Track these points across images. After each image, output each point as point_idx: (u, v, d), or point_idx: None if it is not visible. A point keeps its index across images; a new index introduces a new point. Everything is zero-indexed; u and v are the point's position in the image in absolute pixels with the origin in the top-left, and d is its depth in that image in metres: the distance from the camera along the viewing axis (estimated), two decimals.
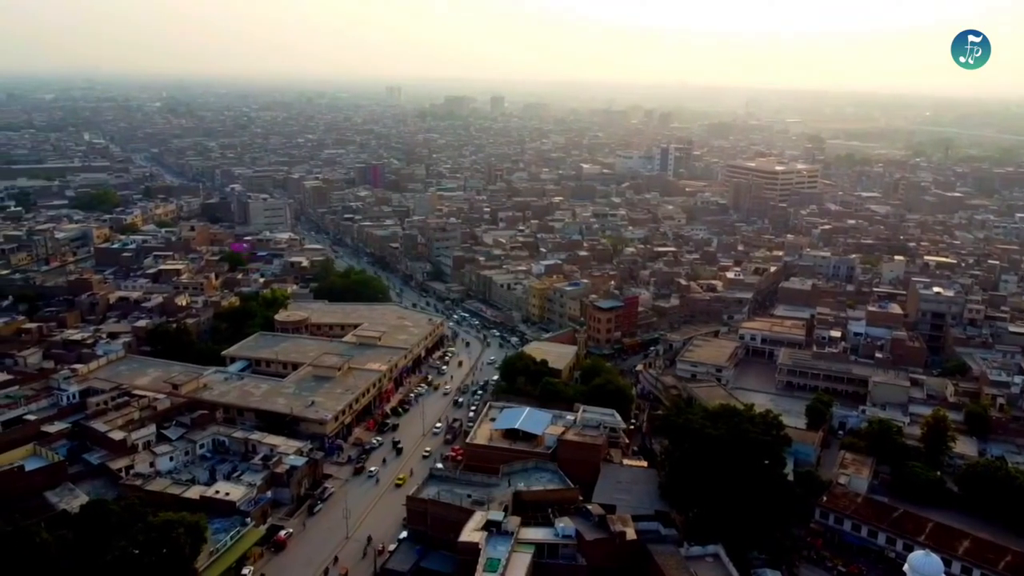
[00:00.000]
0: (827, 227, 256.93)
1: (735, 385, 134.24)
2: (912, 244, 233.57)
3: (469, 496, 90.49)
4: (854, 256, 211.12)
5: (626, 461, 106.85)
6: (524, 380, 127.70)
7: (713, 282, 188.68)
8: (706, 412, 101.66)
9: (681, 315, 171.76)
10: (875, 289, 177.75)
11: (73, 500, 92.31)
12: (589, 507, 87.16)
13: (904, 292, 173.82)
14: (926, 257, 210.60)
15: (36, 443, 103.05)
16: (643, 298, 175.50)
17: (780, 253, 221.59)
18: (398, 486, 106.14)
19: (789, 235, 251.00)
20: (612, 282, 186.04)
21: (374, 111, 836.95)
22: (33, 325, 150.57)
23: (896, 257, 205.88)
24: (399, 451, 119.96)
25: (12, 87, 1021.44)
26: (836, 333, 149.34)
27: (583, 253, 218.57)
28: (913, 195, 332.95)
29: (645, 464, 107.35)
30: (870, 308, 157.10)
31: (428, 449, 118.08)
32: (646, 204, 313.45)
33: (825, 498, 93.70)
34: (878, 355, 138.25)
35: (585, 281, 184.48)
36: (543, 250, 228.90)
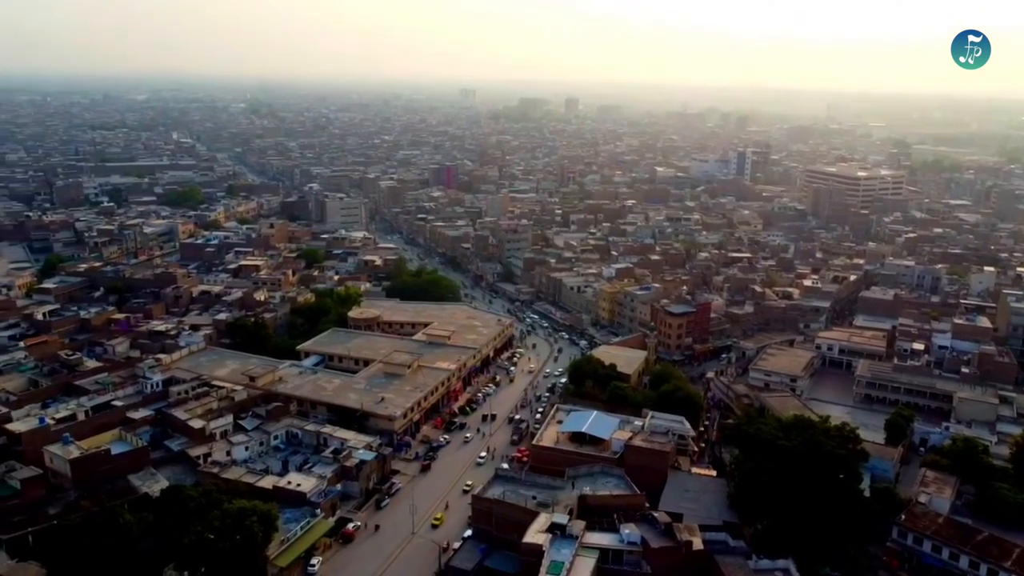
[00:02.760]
0: (912, 235, 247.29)
1: (810, 396, 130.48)
2: (1004, 255, 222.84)
3: (534, 498, 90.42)
4: (940, 266, 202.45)
5: (694, 469, 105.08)
6: (592, 383, 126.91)
7: (789, 289, 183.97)
8: (779, 423, 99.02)
9: (755, 322, 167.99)
10: (962, 301, 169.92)
11: (154, 484, 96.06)
12: (655, 514, 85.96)
13: (994, 305, 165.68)
14: (1019, 269, 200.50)
15: (122, 428, 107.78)
16: (716, 304, 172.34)
17: (861, 261, 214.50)
18: (435, 527, 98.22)
19: (871, 243, 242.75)
20: (684, 287, 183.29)
21: (449, 113, 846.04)
22: (122, 315, 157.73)
23: (986, 268, 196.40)
24: (492, 418, 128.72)
25: (108, 88, 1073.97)
26: (919, 346, 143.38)
27: (655, 257, 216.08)
28: (1006, 203, 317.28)
29: (714, 473, 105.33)
30: (956, 321, 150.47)
31: (469, 483, 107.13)
32: (721, 208, 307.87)
33: (904, 517, 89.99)
34: (964, 370, 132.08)
35: (656, 285, 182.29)
36: (614, 253, 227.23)
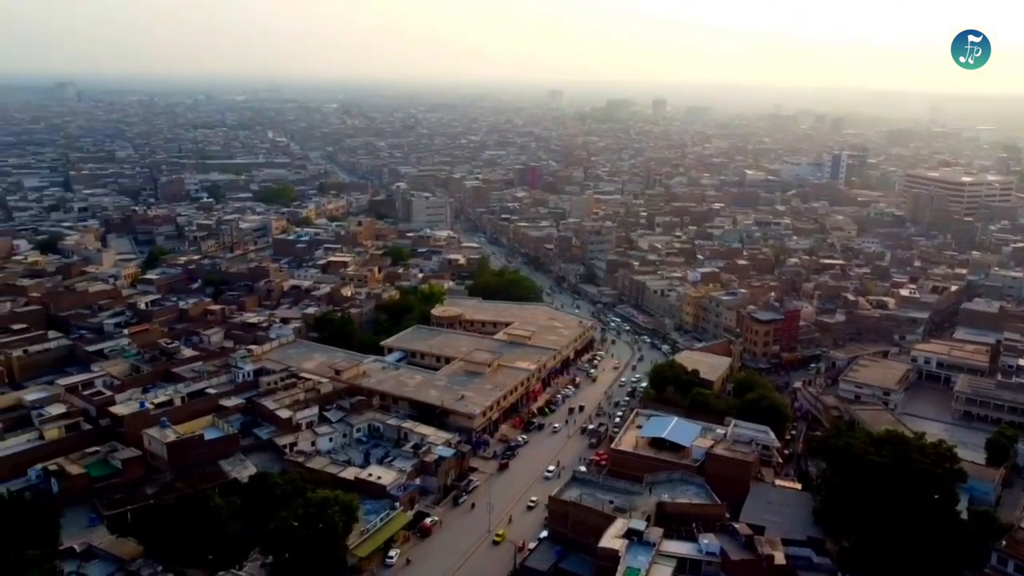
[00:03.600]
0: (1020, 245, 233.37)
1: (904, 411, 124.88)
2: None
3: (611, 502, 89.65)
4: None
5: (778, 481, 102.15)
6: (673, 389, 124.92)
7: (884, 299, 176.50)
8: (870, 437, 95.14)
9: (847, 332, 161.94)
10: None
11: (243, 470, 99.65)
12: (736, 525, 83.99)
13: None
14: None
15: (215, 415, 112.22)
16: (805, 312, 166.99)
17: (963, 271, 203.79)
18: (496, 543, 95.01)
19: (975, 252, 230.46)
20: (772, 293, 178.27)
21: (535, 114, 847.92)
22: (217, 307, 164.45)
23: None
24: (580, 409, 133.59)
25: (210, 89, 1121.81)
26: None
27: (742, 262, 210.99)
28: None
29: (799, 486, 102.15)
30: None
31: (534, 499, 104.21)
32: (813, 213, 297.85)
33: (1004, 542, 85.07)
34: None
35: (743, 291, 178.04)
36: (700, 257, 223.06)
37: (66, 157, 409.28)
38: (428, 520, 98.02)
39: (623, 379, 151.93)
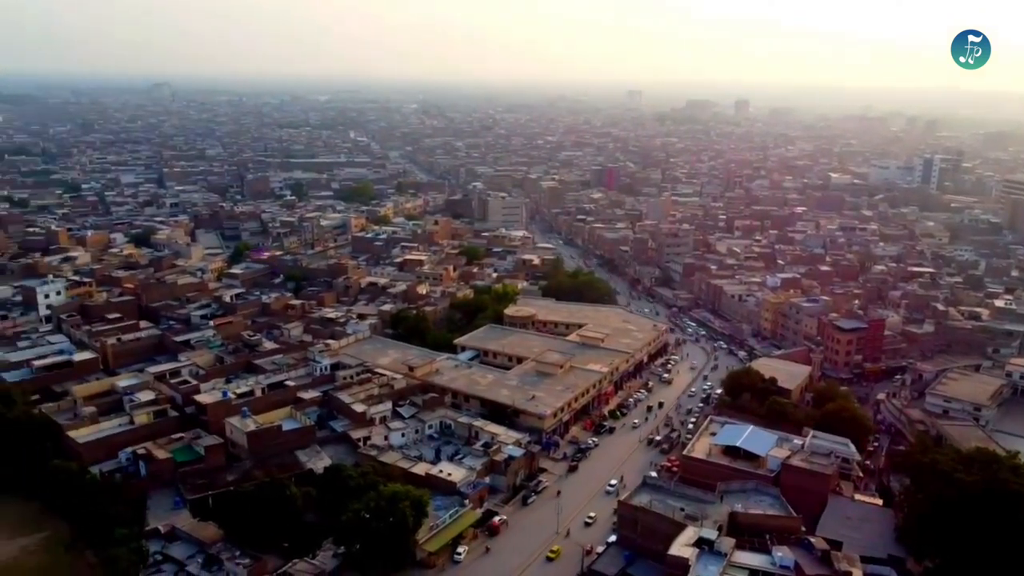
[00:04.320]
0: None
1: (997, 428, 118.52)
2: None
3: (682, 509, 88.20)
4: None
5: (857, 496, 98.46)
6: (749, 396, 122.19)
7: (977, 310, 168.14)
8: (958, 454, 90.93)
9: (935, 343, 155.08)
10: None
11: (318, 461, 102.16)
12: (812, 540, 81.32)
13: None
14: None
15: (293, 407, 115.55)
16: (891, 321, 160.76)
17: None
18: (550, 559, 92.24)
19: None
20: (856, 301, 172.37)
21: (613, 114, 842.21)
22: (298, 302, 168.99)
23: None
24: (660, 406, 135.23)
25: (296, 90, 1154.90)
26: None
27: (825, 268, 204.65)
28: None
29: (880, 502, 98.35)
30: None
31: (592, 515, 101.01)
32: (902, 219, 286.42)
33: None
34: None
35: (825, 298, 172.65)
36: (780, 262, 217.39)
37: (160, 155, 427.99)
38: (496, 519, 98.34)
39: (697, 385, 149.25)
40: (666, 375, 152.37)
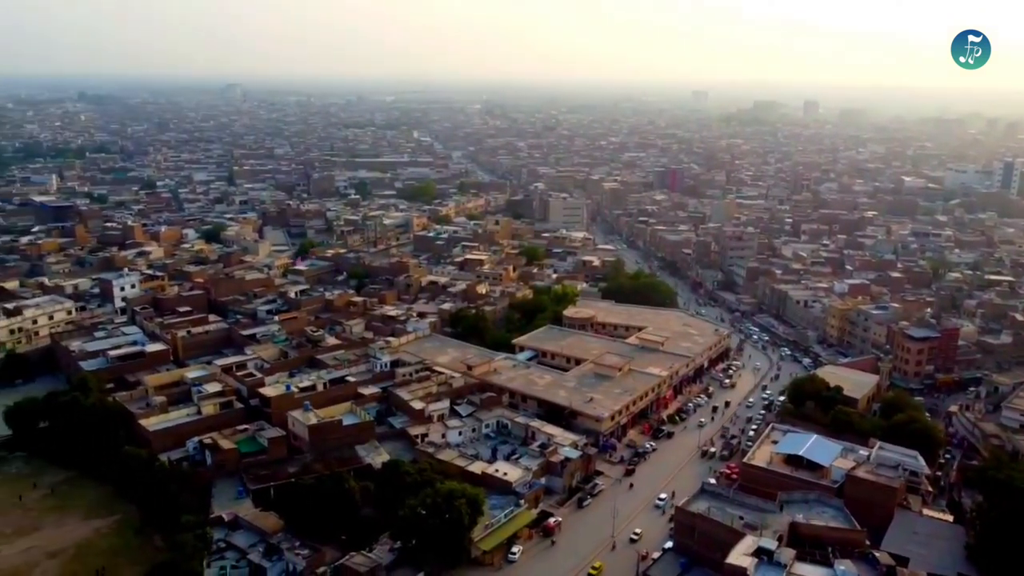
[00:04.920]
0: None
1: None
2: None
3: (741, 518, 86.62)
4: None
5: (926, 511, 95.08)
6: (813, 405, 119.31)
7: None
8: None
9: (1013, 355, 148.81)
10: None
11: (377, 457, 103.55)
12: (876, 554, 78.92)
13: None
14: None
15: (353, 402, 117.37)
16: (965, 331, 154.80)
17: None
18: None
19: None
20: (928, 309, 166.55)
21: (678, 115, 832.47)
22: (360, 299, 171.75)
23: None
24: (726, 405, 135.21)
25: (362, 90, 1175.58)
26: None
27: (896, 275, 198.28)
28: None
29: (950, 518, 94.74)
30: None
31: (638, 531, 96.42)
32: (979, 225, 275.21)
33: None
34: None
35: (895, 305, 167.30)
36: (849, 268, 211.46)
37: (231, 153, 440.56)
38: (552, 520, 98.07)
39: (759, 391, 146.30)
40: (727, 380, 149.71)
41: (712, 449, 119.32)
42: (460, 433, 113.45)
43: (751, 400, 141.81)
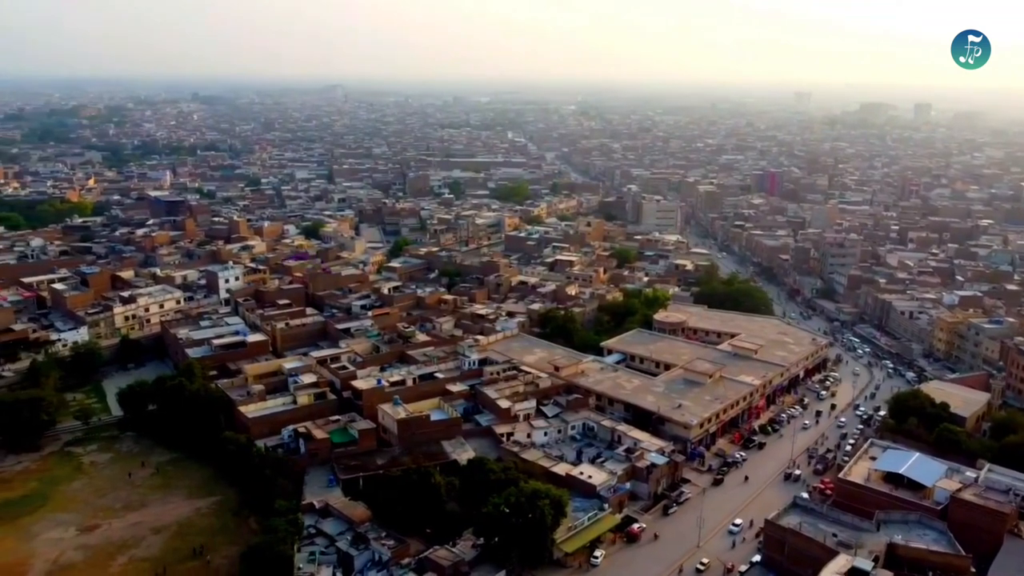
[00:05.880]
0: None
1: None
2: None
3: (835, 535, 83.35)
4: None
5: None
6: (917, 421, 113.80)
7: None
8: None
9: None
10: None
11: (463, 453, 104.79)
12: None
13: None
14: None
15: (441, 398, 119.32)
16: None
17: None
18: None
19: None
20: None
21: (779, 117, 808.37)
22: (450, 297, 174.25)
23: None
24: (832, 408, 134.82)
25: (458, 91, 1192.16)
26: None
27: (1012, 287, 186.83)
28: None
29: None
30: None
31: (704, 561, 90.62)
32: None
33: None
34: None
35: (1011, 320, 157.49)
36: (959, 278, 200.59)
37: (331, 153, 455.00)
38: (636, 525, 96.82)
39: (856, 405, 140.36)
40: (824, 392, 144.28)
41: (797, 472, 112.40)
42: (546, 433, 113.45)
43: (847, 414, 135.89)
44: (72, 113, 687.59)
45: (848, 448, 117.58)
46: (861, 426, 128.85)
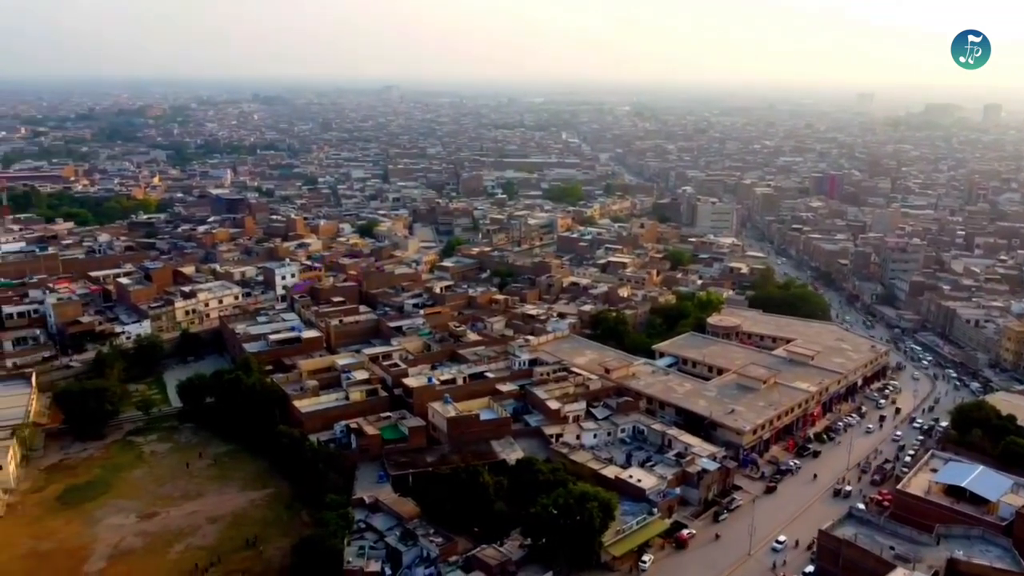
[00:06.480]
0: None
1: None
2: None
3: (892, 548, 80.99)
4: None
5: None
6: (981, 433, 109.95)
7: None
8: None
9: None
10: None
11: (512, 453, 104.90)
12: None
13: None
14: None
15: (491, 398, 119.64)
16: None
17: None
18: None
19: None
20: None
21: (839, 119, 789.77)
22: (502, 297, 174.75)
23: None
24: (897, 412, 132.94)
25: (512, 92, 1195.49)
26: None
27: None
28: None
29: None
30: None
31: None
32: None
33: None
34: None
35: None
36: None
37: (386, 152, 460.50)
38: (685, 531, 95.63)
39: (917, 414, 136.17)
40: (882, 401, 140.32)
41: (848, 488, 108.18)
42: (595, 436, 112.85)
43: (903, 427, 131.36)
44: (139, 113, 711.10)
45: (908, 459, 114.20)
46: (921, 437, 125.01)
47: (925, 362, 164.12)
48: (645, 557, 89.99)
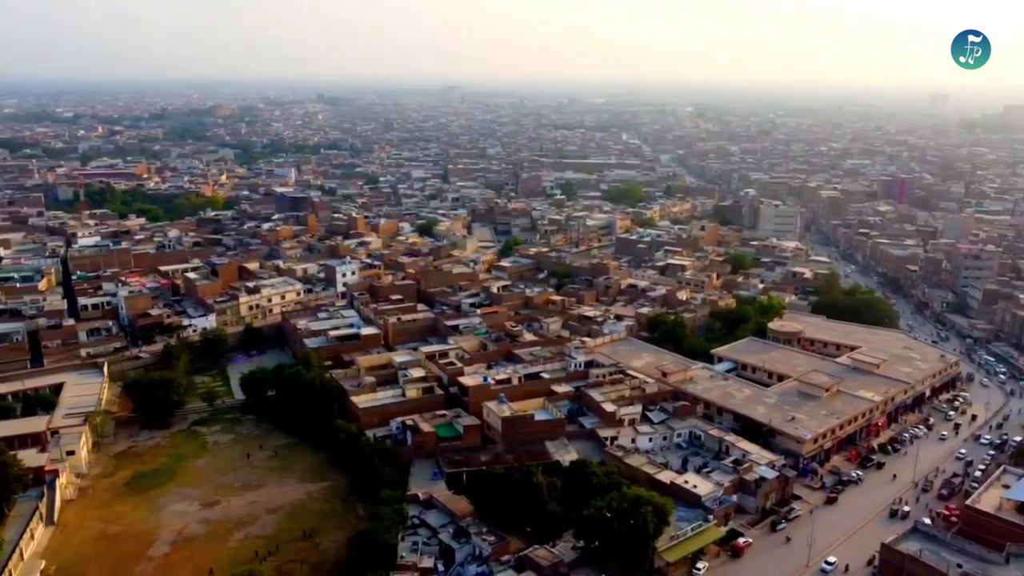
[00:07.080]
0: None
1: None
2: None
3: (959, 566, 78.23)
4: None
5: None
6: None
7: None
8: None
9: None
10: None
11: (566, 454, 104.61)
12: None
13: None
14: None
15: (546, 398, 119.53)
16: None
17: None
18: None
19: None
20: None
21: (911, 120, 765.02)
22: (558, 298, 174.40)
23: None
24: (973, 419, 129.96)
25: (573, 92, 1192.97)
26: None
27: None
28: None
29: None
30: None
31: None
32: None
33: None
34: None
35: None
36: None
37: (446, 152, 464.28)
38: (741, 540, 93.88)
39: (988, 428, 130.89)
40: (952, 412, 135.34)
41: (906, 508, 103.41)
42: (651, 439, 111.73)
43: (968, 443, 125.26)
44: (209, 113, 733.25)
45: (977, 474, 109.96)
46: (993, 452, 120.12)
47: (1004, 377, 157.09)
48: (699, 564, 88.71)
